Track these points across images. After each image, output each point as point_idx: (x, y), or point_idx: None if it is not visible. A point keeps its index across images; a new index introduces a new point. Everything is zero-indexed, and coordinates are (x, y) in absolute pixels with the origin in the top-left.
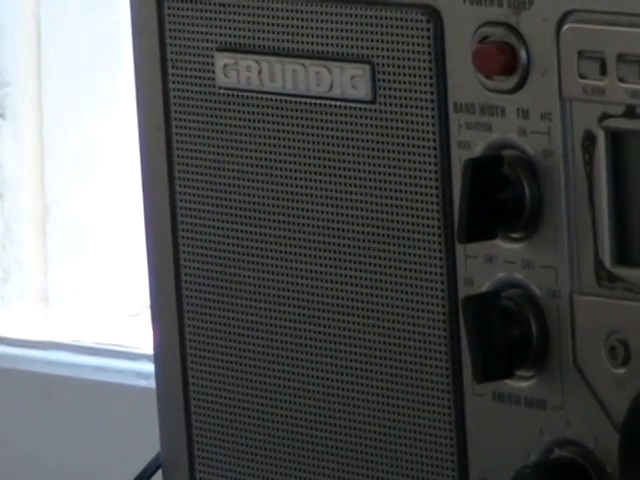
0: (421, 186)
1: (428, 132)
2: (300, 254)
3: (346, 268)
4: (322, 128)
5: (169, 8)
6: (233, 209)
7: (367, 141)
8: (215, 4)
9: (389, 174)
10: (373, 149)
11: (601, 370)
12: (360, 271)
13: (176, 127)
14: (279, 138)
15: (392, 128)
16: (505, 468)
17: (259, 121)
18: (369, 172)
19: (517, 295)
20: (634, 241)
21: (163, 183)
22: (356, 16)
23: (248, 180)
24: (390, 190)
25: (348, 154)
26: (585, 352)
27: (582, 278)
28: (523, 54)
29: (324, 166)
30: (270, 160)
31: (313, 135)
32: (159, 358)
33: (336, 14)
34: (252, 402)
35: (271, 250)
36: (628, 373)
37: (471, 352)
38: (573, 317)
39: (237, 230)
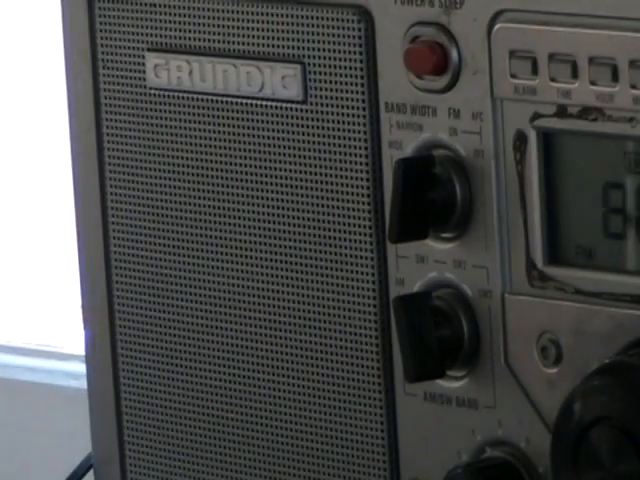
0: (352, 186)
1: (359, 132)
2: (230, 254)
3: (277, 268)
4: (253, 128)
5: (100, 8)
6: (164, 209)
7: (298, 141)
8: (145, 4)
9: (320, 174)
10: (304, 149)
11: (533, 370)
12: (291, 271)
13: (107, 127)
14: (210, 138)
15: (323, 128)
16: (437, 468)
17: (190, 121)
18: (300, 172)
19: (448, 295)
20: (565, 241)
21: (94, 183)
22: (287, 16)
23: (179, 180)
24: (321, 190)
25: (279, 154)
26: (517, 352)
27: (514, 278)
28: (454, 54)
29: (255, 166)
30: (201, 160)
31: (244, 135)
32: (90, 359)
33: (267, 14)
34: (183, 402)
35: (202, 250)
36: (559, 373)
37: (402, 352)
38: (505, 317)
39: (168, 230)
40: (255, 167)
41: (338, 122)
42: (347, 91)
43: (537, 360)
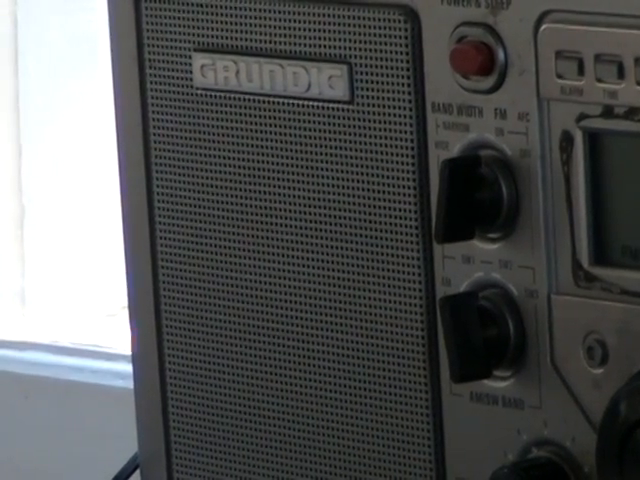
0: (399, 186)
1: (406, 132)
2: (278, 254)
3: (324, 268)
4: (300, 128)
5: (147, 9)
6: (211, 209)
7: (345, 141)
8: (192, 4)
9: (367, 174)
10: (351, 149)
11: (579, 370)
12: (338, 271)
13: (154, 127)
14: (257, 138)
15: (370, 128)
16: (483, 468)
17: (237, 121)
18: (347, 172)
19: (494, 295)
20: (611, 241)
21: (141, 184)
22: (333, 16)
23: (226, 181)
24: (368, 190)
25: (326, 154)
26: (563, 352)
27: (560, 278)
28: (501, 54)
29: (302, 166)
30: (248, 160)
31: (291, 135)
32: (137, 358)
33: (313, 14)
34: (230, 402)
35: (249, 251)
36: (605, 373)
37: (449, 352)
38: (551, 317)
39: (215, 231)
40: (302, 167)
41: (384, 122)
42: (393, 91)
43: (583, 360)
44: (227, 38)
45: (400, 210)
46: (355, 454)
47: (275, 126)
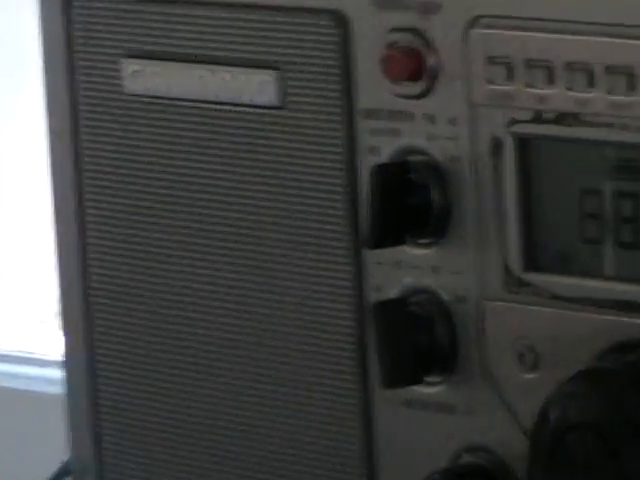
0: (329, 192)
1: (336, 138)
2: (207, 260)
3: (255, 274)
4: (230, 134)
5: (76, 15)
6: (141, 216)
7: (275, 147)
8: (122, 10)
9: (297, 180)
10: (281, 155)
11: (510, 376)
12: (269, 277)
13: (84, 134)
14: (187, 144)
15: (300, 134)
16: (414, 474)
17: (167, 127)
18: (278, 178)
19: (425, 301)
20: (542, 246)
21: (72, 189)
22: (264, 22)
23: (156, 187)
24: (298, 196)
25: (256, 160)
26: (494, 358)
27: (490, 284)
28: (431, 59)
29: (232, 172)
30: (178, 166)
31: (221, 141)
32: (68, 365)
33: (244, 20)
34: (162, 409)
35: (178, 257)
36: (537, 379)
37: (380, 358)
38: (481, 323)
39: (145, 237)
40: (232, 173)
41: (315, 128)
42: (324, 97)
43: (514, 366)
44: (157, 44)
45: (330, 216)
46: (286, 460)
47: (205, 132)
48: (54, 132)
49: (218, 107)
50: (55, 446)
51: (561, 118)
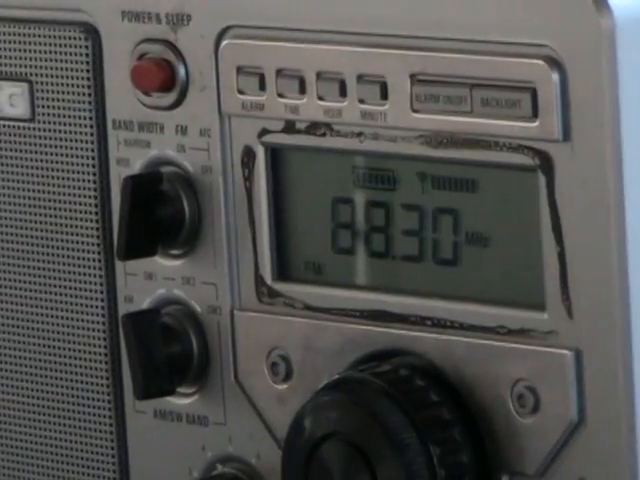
0: (80, 203)
1: (87, 149)
2: None
3: (9, 287)
4: None
5: None
6: None
7: (27, 159)
8: None
9: (49, 192)
10: (34, 167)
11: (262, 386)
12: (23, 289)
13: None
14: None
15: (51, 146)
16: None
17: None
18: (30, 190)
19: (178, 312)
20: (294, 257)
21: None
22: (14, 34)
23: None
24: (50, 208)
25: (9, 172)
26: (246, 368)
27: (243, 294)
28: (182, 70)
29: None
30: None
31: None
32: None
33: None
34: None
35: None
36: (290, 389)
37: (132, 369)
38: (234, 333)
39: None
40: None
41: (66, 140)
42: (74, 109)
43: (267, 376)
44: None
45: (82, 227)
46: (40, 472)
47: None
48: None
49: None
50: None
51: (312, 128)
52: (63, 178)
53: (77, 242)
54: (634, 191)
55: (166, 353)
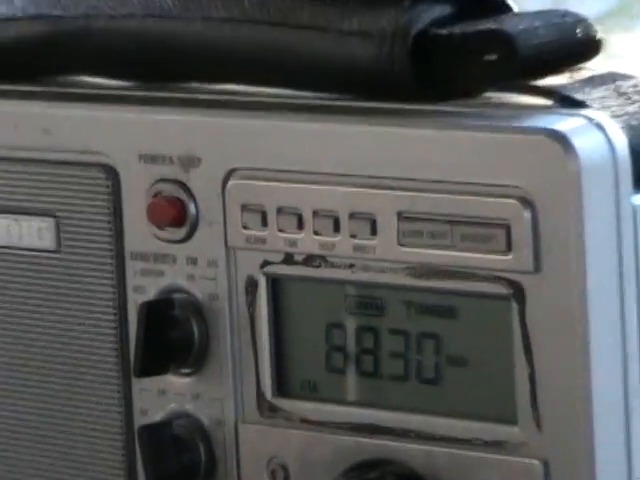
0: (101, 326)
1: (107, 278)
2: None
3: (32, 400)
4: (12, 275)
5: None
6: None
7: (52, 287)
8: None
9: (72, 316)
10: (59, 294)
11: None
12: (45, 403)
13: None
14: None
15: (75, 275)
16: None
17: None
18: (54, 315)
19: (188, 424)
20: (292, 375)
21: None
22: (42, 174)
23: None
24: (73, 331)
25: (36, 298)
26: (249, 476)
27: (246, 408)
28: (192, 208)
29: (10, 308)
30: None
31: (3, 281)
32: None
33: (24, 172)
34: None
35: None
36: None
37: (147, 478)
38: (238, 444)
39: None
40: (10, 310)
41: (88, 270)
42: (96, 242)
43: None
44: None
45: (102, 348)
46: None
47: None
48: None
49: (1, 251)
50: None
51: (309, 260)
52: (86, 304)
53: (98, 361)
54: (597, 317)
55: (177, 462)
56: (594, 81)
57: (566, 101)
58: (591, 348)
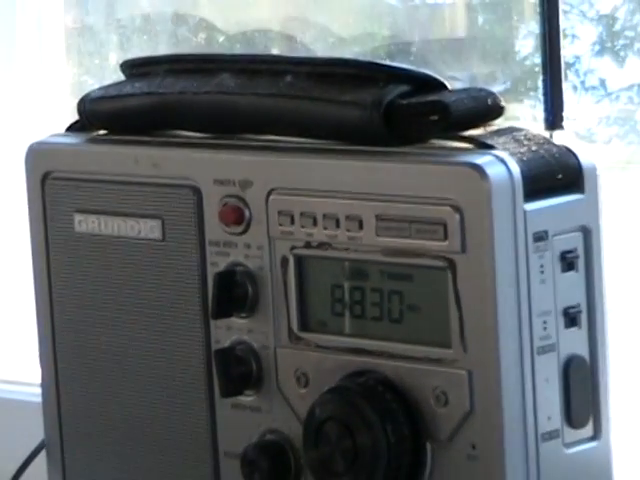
0: (189, 289)
1: (194, 257)
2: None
3: (131, 347)
4: (127, 258)
5: (49, 186)
6: (83, 316)
7: (159, 265)
8: (74, 187)
9: (171, 282)
10: (163, 268)
11: (292, 390)
12: (143, 348)
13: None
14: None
15: (173, 257)
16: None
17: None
18: (157, 285)
19: (245, 348)
20: (309, 317)
21: (45, 289)
22: (154, 192)
23: (102, 300)
24: (172, 292)
25: (144, 273)
26: (283, 380)
27: (281, 338)
28: (247, 213)
29: (131, 288)
30: (113, 285)
31: (122, 262)
32: (43, 385)
33: (142, 191)
34: (92, 409)
35: (113, 332)
36: (307, 392)
37: (218, 377)
38: (276, 360)
39: (98, 322)
40: (130, 289)
41: (183, 252)
42: (187, 234)
43: (295, 385)
44: (94, 204)
45: (189, 302)
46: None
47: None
48: (35, 260)
49: (130, 241)
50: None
51: (320, 245)
52: (180, 274)
53: (186, 309)
54: (501, 280)
55: (240, 371)
56: (499, 132)
57: (481, 145)
58: (497, 299)
